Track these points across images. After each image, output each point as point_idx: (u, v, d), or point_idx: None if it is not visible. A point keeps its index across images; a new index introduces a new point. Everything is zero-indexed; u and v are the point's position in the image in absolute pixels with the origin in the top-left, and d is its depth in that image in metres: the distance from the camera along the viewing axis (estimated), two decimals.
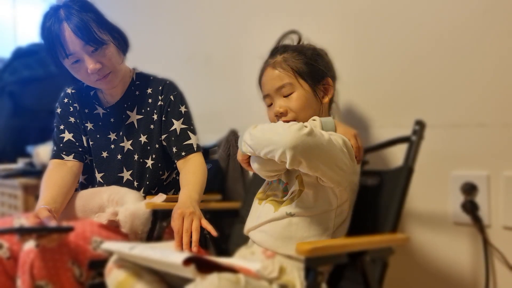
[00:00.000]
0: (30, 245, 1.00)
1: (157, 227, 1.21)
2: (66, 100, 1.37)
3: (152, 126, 1.33)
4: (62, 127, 1.35)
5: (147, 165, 1.33)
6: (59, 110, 1.37)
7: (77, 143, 1.34)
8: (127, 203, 1.20)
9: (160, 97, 1.32)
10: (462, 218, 1.15)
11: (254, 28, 1.65)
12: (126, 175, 1.33)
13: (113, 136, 1.35)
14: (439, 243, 1.20)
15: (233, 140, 1.61)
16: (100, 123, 1.36)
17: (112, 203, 1.24)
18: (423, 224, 1.22)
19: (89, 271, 1.10)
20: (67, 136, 1.34)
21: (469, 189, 1.13)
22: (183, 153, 1.29)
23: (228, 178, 1.59)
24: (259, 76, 1.07)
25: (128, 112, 1.34)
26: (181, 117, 1.32)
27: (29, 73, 2.31)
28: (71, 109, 1.36)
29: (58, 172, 1.27)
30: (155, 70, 1.49)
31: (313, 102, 1.01)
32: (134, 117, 1.34)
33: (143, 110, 1.34)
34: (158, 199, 1.21)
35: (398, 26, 1.25)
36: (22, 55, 2.35)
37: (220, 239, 1.34)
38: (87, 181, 1.41)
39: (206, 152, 1.76)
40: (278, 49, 1.05)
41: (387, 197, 0.99)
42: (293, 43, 1.09)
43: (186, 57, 1.92)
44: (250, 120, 1.64)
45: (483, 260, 1.12)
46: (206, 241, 1.26)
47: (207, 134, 1.83)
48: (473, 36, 1.13)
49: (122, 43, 1.28)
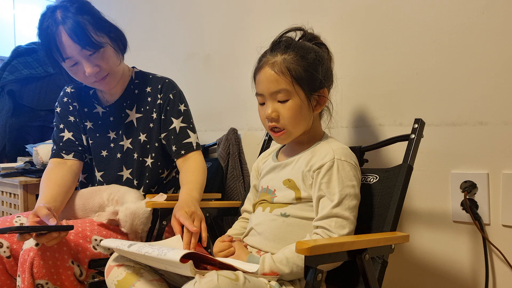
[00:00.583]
0: (30, 244, 1.00)
1: (157, 226, 1.22)
2: (66, 99, 1.37)
3: (152, 125, 1.33)
4: (62, 126, 1.35)
5: (147, 164, 1.33)
6: (59, 109, 1.37)
7: (77, 142, 1.34)
8: (127, 202, 1.20)
9: (159, 96, 1.32)
10: (462, 216, 1.15)
11: (254, 27, 1.64)
12: (126, 174, 1.33)
13: (113, 135, 1.35)
14: (439, 241, 1.20)
15: (233, 139, 1.61)
16: (100, 122, 1.36)
17: (112, 202, 1.24)
18: (423, 222, 1.22)
19: (89, 270, 1.10)
20: (67, 135, 1.34)
21: (469, 188, 1.13)
22: (183, 152, 1.29)
23: (228, 177, 1.59)
24: (256, 69, 1.01)
25: (128, 111, 1.34)
26: (181, 116, 1.32)
27: (29, 72, 2.30)
28: (71, 108, 1.36)
29: (58, 171, 1.27)
30: (155, 69, 1.49)
31: (306, 111, 0.97)
32: (134, 116, 1.34)
33: (142, 109, 1.34)
34: (159, 199, 1.21)
35: (398, 25, 1.25)
36: (22, 54, 2.34)
37: None
38: (87, 180, 1.41)
39: (206, 151, 1.77)
40: (280, 46, 0.98)
41: (387, 196, 0.99)
42: (296, 37, 1.04)
43: (186, 56, 1.92)
44: (250, 119, 1.65)
45: (483, 258, 1.12)
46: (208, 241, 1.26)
47: (207, 133, 1.83)
48: (473, 35, 1.12)
49: (120, 44, 1.27)
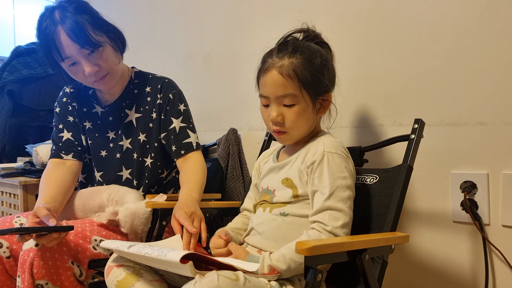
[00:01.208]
0: (30, 245, 1.00)
1: (157, 226, 1.21)
2: (65, 99, 1.37)
3: (151, 125, 1.33)
4: (61, 126, 1.35)
5: (146, 164, 1.33)
6: (58, 110, 1.37)
7: (76, 142, 1.34)
8: (127, 203, 1.20)
9: (159, 96, 1.32)
10: (462, 217, 1.15)
11: (254, 27, 1.64)
12: (125, 174, 1.33)
13: (112, 135, 1.35)
14: (439, 241, 1.20)
15: (233, 139, 1.61)
16: (99, 122, 1.35)
17: (112, 202, 1.24)
18: (423, 223, 1.22)
19: (89, 270, 1.10)
20: (66, 135, 1.34)
21: (469, 188, 1.13)
22: (183, 152, 1.29)
23: (228, 177, 1.59)
24: (261, 70, 0.99)
25: (127, 111, 1.34)
26: (180, 116, 1.32)
27: (28, 72, 2.30)
28: (70, 108, 1.36)
29: (58, 171, 1.27)
30: (155, 69, 1.49)
31: (310, 115, 0.97)
32: (133, 116, 1.34)
33: (142, 109, 1.33)
34: (159, 200, 1.21)
35: (398, 25, 1.25)
36: (21, 54, 2.34)
37: None
38: (87, 180, 1.41)
39: (206, 151, 1.77)
40: (287, 48, 0.96)
41: (387, 196, 0.99)
42: (300, 37, 1.04)
43: (186, 56, 1.92)
44: (250, 119, 1.65)
45: (483, 258, 1.12)
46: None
47: (207, 133, 1.83)
48: (473, 35, 1.12)
49: (119, 43, 1.27)
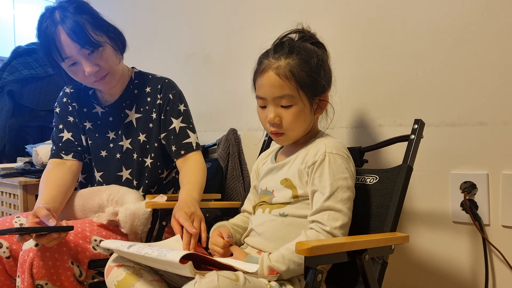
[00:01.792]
0: (30, 245, 1.00)
1: (157, 227, 1.21)
2: (65, 100, 1.37)
3: (151, 125, 1.33)
4: (61, 127, 1.35)
5: (146, 164, 1.33)
6: (58, 110, 1.37)
7: (76, 142, 1.34)
8: (127, 203, 1.20)
9: (159, 96, 1.32)
10: (462, 217, 1.15)
11: (254, 27, 1.64)
12: (125, 174, 1.33)
13: (112, 135, 1.35)
14: (439, 242, 1.20)
15: (233, 139, 1.61)
16: (99, 122, 1.35)
17: (112, 203, 1.24)
18: (423, 223, 1.22)
19: (89, 270, 1.10)
20: (66, 136, 1.34)
21: (469, 188, 1.13)
22: (182, 152, 1.29)
23: (228, 177, 1.59)
24: (257, 72, 0.98)
25: (127, 111, 1.34)
26: (180, 116, 1.32)
27: (29, 72, 2.30)
28: (70, 109, 1.36)
29: (57, 172, 1.27)
30: (155, 69, 1.49)
31: (307, 115, 0.97)
32: (133, 116, 1.34)
33: (142, 109, 1.34)
34: (160, 200, 1.21)
35: (398, 25, 1.25)
36: (21, 54, 2.34)
37: None
38: (87, 180, 1.41)
39: (206, 151, 1.77)
40: (283, 48, 0.96)
41: (387, 196, 0.99)
42: (295, 37, 1.03)
43: (186, 56, 1.92)
44: (250, 119, 1.65)
45: (483, 259, 1.12)
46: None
47: (207, 133, 1.83)
48: (473, 35, 1.13)
49: (119, 43, 1.27)
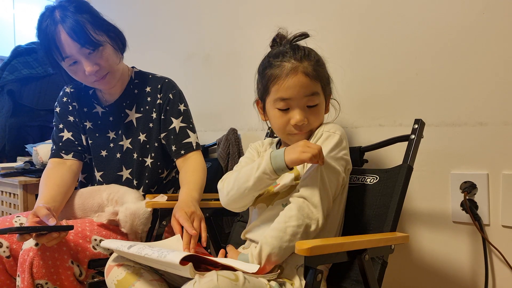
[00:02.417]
0: (30, 244, 1.00)
1: (157, 226, 1.22)
2: (65, 99, 1.37)
3: (151, 125, 1.33)
4: (61, 126, 1.35)
5: (146, 164, 1.33)
6: (58, 109, 1.37)
7: (76, 142, 1.34)
8: (127, 203, 1.20)
9: (159, 96, 1.32)
10: (462, 217, 1.15)
11: (254, 27, 1.64)
12: (126, 174, 1.33)
13: (112, 135, 1.35)
14: (439, 242, 1.20)
15: (233, 139, 1.61)
16: (99, 122, 1.36)
17: (112, 202, 1.24)
18: (423, 223, 1.22)
19: (89, 270, 1.10)
20: (66, 135, 1.34)
21: (469, 188, 1.13)
22: (183, 152, 1.29)
23: None
24: (279, 75, 0.97)
25: (127, 111, 1.34)
26: (180, 115, 1.32)
27: (29, 72, 2.30)
28: (70, 108, 1.36)
29: (58, 171, 1.27)
30: (155, 69, 1.49)
31: (323, 115, 1.03)
32: (133, 116, 1.34)
33: (142, 109, 1.34)
34: (160, 200, 1.21)
35: (398, 25, 1.25)
36: (21, 54, 2.35)
37: (220, 238, 1.34)
38: (87, 180, 1.41)
39: (206, 151, 1.77)
40: (301, 51, 0.99)
41: (387, 196, 0.99)
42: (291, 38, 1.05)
43: (186, 56, 1.92)
44: (250, 119, 1.65)
45: (483, 259, 1.12)
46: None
47: (207, 133, 1.83)
48: (473, 35, 1.12)
49: (119, 43, 1.27)
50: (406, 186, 0.96)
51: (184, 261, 0.72)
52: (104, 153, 1.35)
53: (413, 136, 1.00)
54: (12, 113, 2.26)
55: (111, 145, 1.35)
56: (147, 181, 1.33)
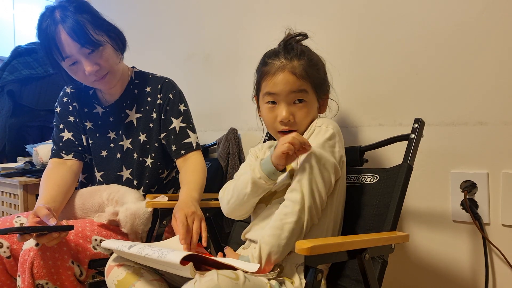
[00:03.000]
0: (30, 244, 1.00)
1: (157, 226, 1.22)
2: (65, 99, 1.37)
3: (151, 125, 1.33)
4: (62, 126, 1.35)
5: (147, 164, 1.33)
6: (59, 109, 1.37)
7: (77, 142, 1.34)
8: (128, 203, 1.20)
9: (159, 96, 1.32)
10: (462, 216, 1.15)
11: (254, 27, 1.64)
12: (126, 174, 1.34)
13: (113, 135, 1.35)
14: (439, 241, 1.20)
15: (233, 139, 1.61)
16: (100, 122, 1.36)
17: (112, 202, 1.24)
18: (423, 222, 1.22)
19: (89, 270, 1.10)
20: (67, 135, 1.34)
21: (469, 187, 1.13)
22: (183, 152, 1.29)
23: (228, 177, 1.59)
24: (268, 72, 1.01)
25: (127, 111, 1.34)
26: (180, 116, 1.32)
27: (29, 72, 2.30)
28: (70, 108, 1.36)
29: (58, 171, 1.27)
30: (155, 69, 1.49)
31: (314, 113, 1.03)
32: (133, 116, 1.34)
33: (142, 109, 1.34)
34: (161, 201, 1.21)
35: (398, 25, 1.25)
36: (21, 54, 2.35)
37: (221, 238, 1.34)
38: (87, 180, 1.41)
39: (206, 151, 1.77)
40: (294, 50, 1.01)
41: (387, 195, 0.99)
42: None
43: (186, 56, 1.92)
44: (249, 119, 1.65)
45: (483, 258, 1.12)
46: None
47: (207, 133, 1.83)
48: (473, 35, 1.13)
49: (119, 43, 1.27)
50: (406, 186, 0.96)
51: (185, 261, 0.73)
52: (105, 153, 1.35)
53: (413, 136, 1.00)
54: (12, 114, 2.26)
55: (112, 145, 1.35)
56: (147, 181, 1.33)
